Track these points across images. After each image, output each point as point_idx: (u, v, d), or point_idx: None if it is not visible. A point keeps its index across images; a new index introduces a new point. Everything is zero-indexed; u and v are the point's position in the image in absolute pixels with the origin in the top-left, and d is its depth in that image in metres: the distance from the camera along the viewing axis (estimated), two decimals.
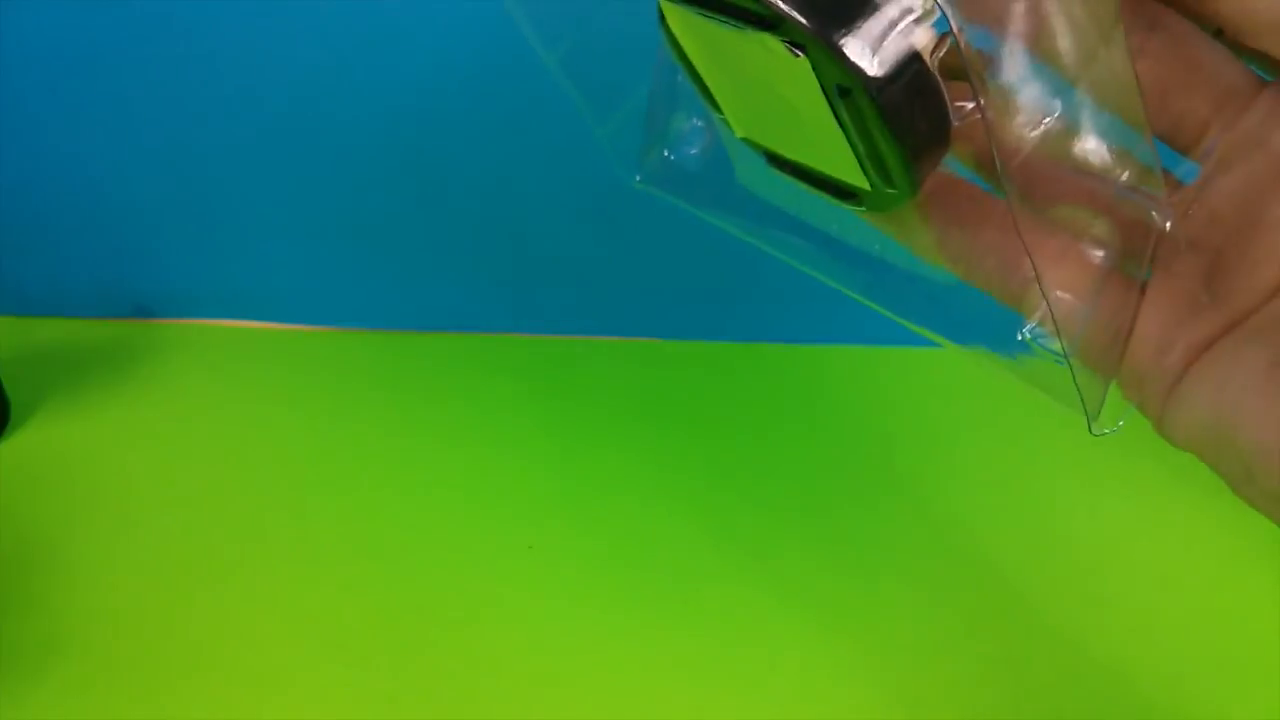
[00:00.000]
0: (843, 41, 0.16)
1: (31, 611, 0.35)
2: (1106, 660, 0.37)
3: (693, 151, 0.25)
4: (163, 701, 0.32)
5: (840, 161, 0.19)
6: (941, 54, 0.17)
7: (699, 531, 0.41)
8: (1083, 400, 0.19)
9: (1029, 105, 0.17)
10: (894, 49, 0.16)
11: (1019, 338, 0.19)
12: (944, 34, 0.17)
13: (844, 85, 0.16)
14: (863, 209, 0.20)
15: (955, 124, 0.17)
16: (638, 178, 0.26)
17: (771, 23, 0.16)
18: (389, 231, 0.51)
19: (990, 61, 0.17)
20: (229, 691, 0.33)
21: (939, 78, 0.17)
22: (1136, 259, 0.20)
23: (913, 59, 0.16)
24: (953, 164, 0.19)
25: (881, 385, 0.52)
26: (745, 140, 0.22)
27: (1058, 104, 0.17)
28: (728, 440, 0.47)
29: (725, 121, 0.22)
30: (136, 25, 0.44)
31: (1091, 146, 0.18)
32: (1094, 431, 0.19)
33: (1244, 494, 0.18)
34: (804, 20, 0.16)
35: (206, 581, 0.37)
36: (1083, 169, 0.19)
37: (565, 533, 0.41)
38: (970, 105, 0.17)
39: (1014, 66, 0.17)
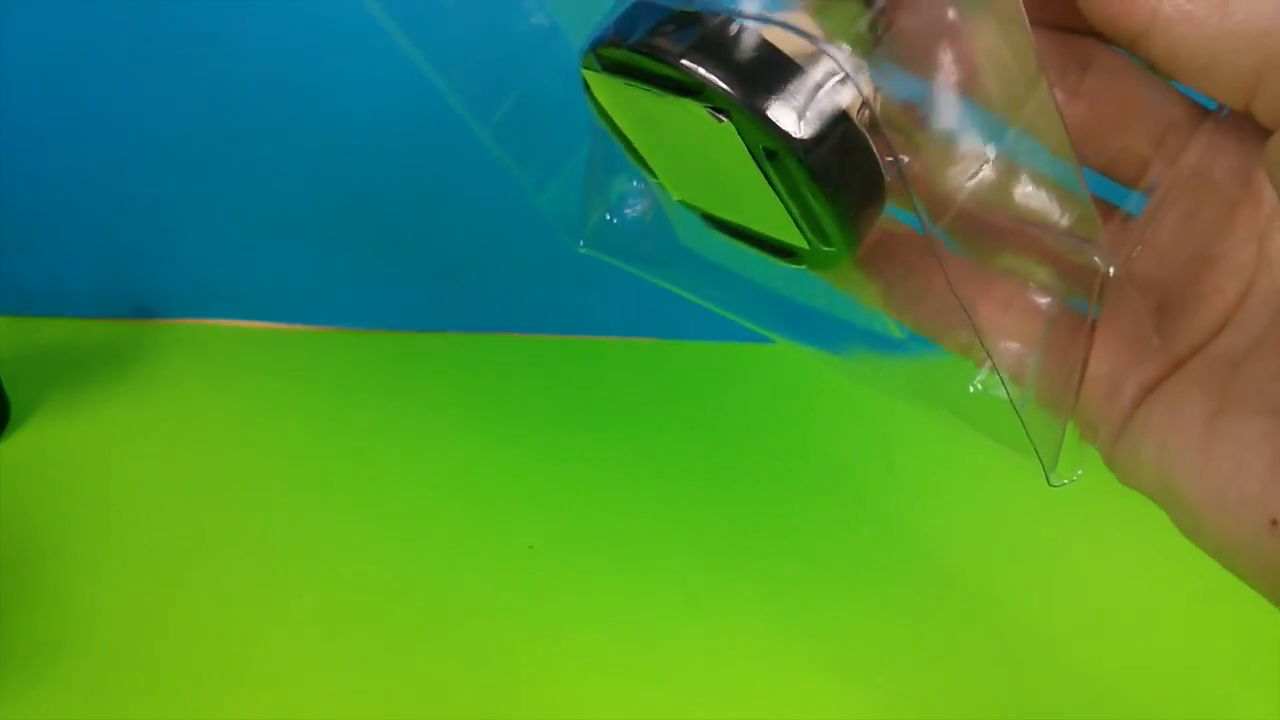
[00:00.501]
0: (766, 105, 0.15)
1: (31, 611, 0.35)
2: (1083, 662, 0.37)
3: (634, 214, 0.25)
4: (163, 701, 0.32)
5: (776, 222, 0.18)
6: (869, 111, 0.17)
7: (700, 531, 0.41)
8: (1038, 453, 0.19)
9: (962, 156, 0.17)
10: (818, 109, 0.16)
11: (971, 390, 0.19)
12: (873, 91, 0.17)
13: (770, 149, 0.16)
14: (804, 267, 0.20)
15: (889, 178, 0.17)
16: (581, 244, 0.26)
17: (694, 90, 0.16)
18: (389, 232, 0.51)
19: (920, 114, 0.17)
20: (229, 691, 0.33)
21: (867, 134, 0.17)
22: (1083, 302, 0.20)
23: (839, 119, 0.16)
24: (896, 212, 0.19)
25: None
26: (682, 203, 0.22)
27: (989, 153, 0.17)
28: (728, 440, 0.47)
29: (661, 186, 0.22)
30: (136, 26, 0.44)
31: (1026, 194, 0.18)
32: (1051, 483, 0.19)
33: (1193, 541, 0.18)
34: (725, 86, 0.16)
35: (206, 581, 0.37)
36: (1020, 217, 0.19)
37: (565, 533, 0.41)
38: (905, 159, 0.17)
39: (944, 117, 0.17)
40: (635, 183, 0.24)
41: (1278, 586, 0.17)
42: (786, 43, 0.16)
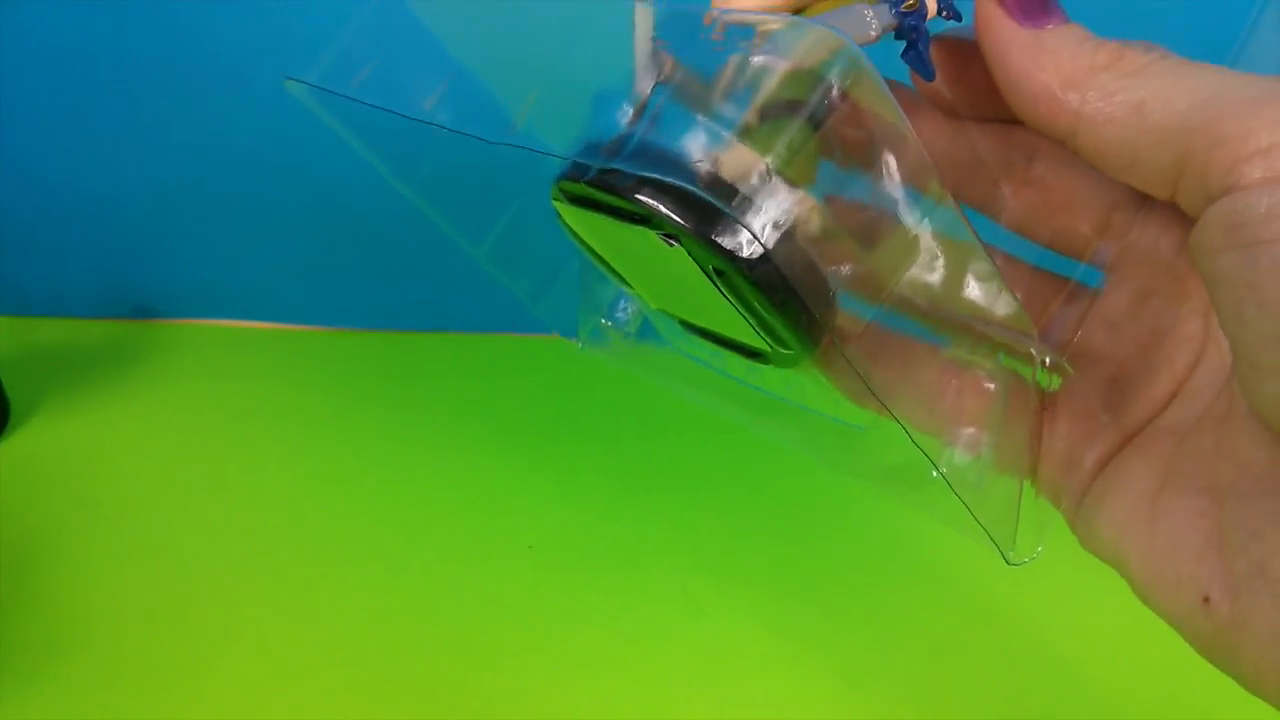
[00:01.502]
0: (710, 231, 0.16)
1: (31, 611, 0.35)
2: (1082, 664, 0.37)
3: (624, 317, 0.27)
4: (163, 700, 0.32)
5: (739, 328, 0.20)
6: (811, 224, 0.18)
7: (700, 532, 0.41)
8: (991, 535, 0.20)
9: (897, 258, 0.19)
10: (761, 229, 0.17)
11: (933, 476, 0.20)
12: (812, 204, 0.18)
13: (718, 268, 0.17)
14: (770, 366, 0.21)
15: (835, 285, 0.19)
16: (579, 343, 0.27)
17: (645, 219, 0.17)
18: (389, 233, 0.51)
19: (858, 221, 0.18)
20: (229, 690, 0.33)
21: (810, 246, 0.18)
22: (1028, 387, 0.21)
23: (782, 236, 0.17)
24: (858, 306, 0.20)
25: None
26: (659, 310, 0.23)
27: (922, 255, 0.19)
28: (729, 442, 0.47)
29: (639, 295, 0.23)
30: (136, 27, 0.44)
31: (957, 292, 0.19)
32: (1010, 562, 0.20)
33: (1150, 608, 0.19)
34: (672, 215, 0.17)
35: (206, 580, 0.37)
36: (958, 312, 0.20)
37: (565, 533, 0.41)
38: (847, 268, 0.19)
39: (878, 225, 0.18)
40: (623, 290, 0.26)
41: (1214, 656, 0.17)
42: (733, 163, 0.17)
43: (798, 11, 0.20)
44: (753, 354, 0.21)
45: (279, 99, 0.46)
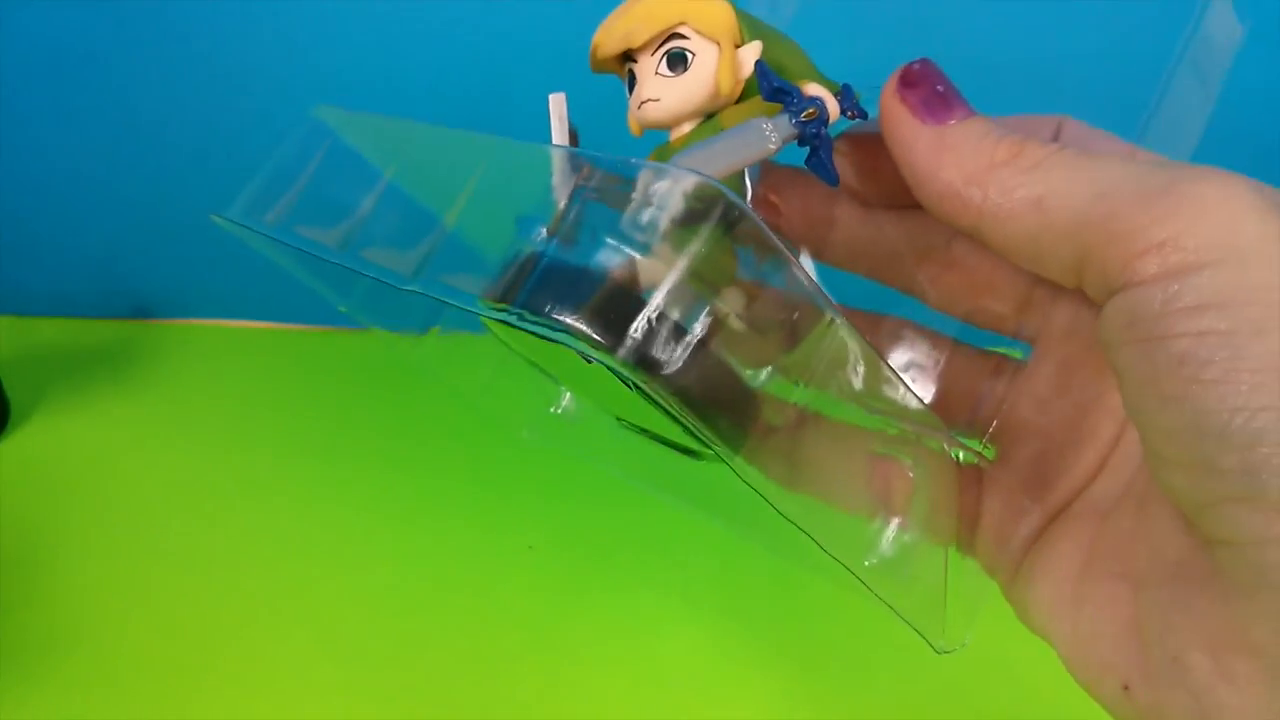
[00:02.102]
0: (622, 349, 0.17)
1: (31, 610, 0.35)
2: None
3: (571, 408, 0.28)
4: (163, 700, 0.33)
5: (669, 427, 0.20)
6: (728, 327, 0.19)
7: (701, 531, 0.41)
8: (920, 631, 0.20)
9: (810, 360, 0.19)
10: (674, 342, 0.17)
11: (865, 564, 0.20)
12: (727, 310, 0.19)
13: (634, 382, 0.17)
14: (702, 461, 0.22)
15: (762, 380, 0.19)
16: (525, 433, 0.28)
17: (561, 340, 0.18)
18: None
19: (771, 323, 0.19)
20: (229, 690, 0.33)
21: (726, 351, 0.18)
22: (952, 468, 0.22)
23: (694, 347, 0.17)
24: (784, 396, 0.21)
25: None
26: (594, 407, 0.24)
27: (835, 356, 0.19)
28: None
29: (574, 394, 0.24)
30: (136, 26, 0.44)
31: (873, 390, 0.20)
32: (938, 650, 0.20)
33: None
34: (588, 334, 0.17)
35: (206, 580, 0.37)
36: (878, 407, 0.20)
37: (565, 533, 0.41)
38: (767, 370, 0.19)
39: (787, 330, 0.19)
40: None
41: None
42: (647, 271, 0.17)
43: (709, 118, 0.21)
44: (687, 451, 0.22)
45: (279, 99, 0.46)
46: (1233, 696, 0.16)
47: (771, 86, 0.20)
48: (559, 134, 0.21)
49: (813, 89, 0.20)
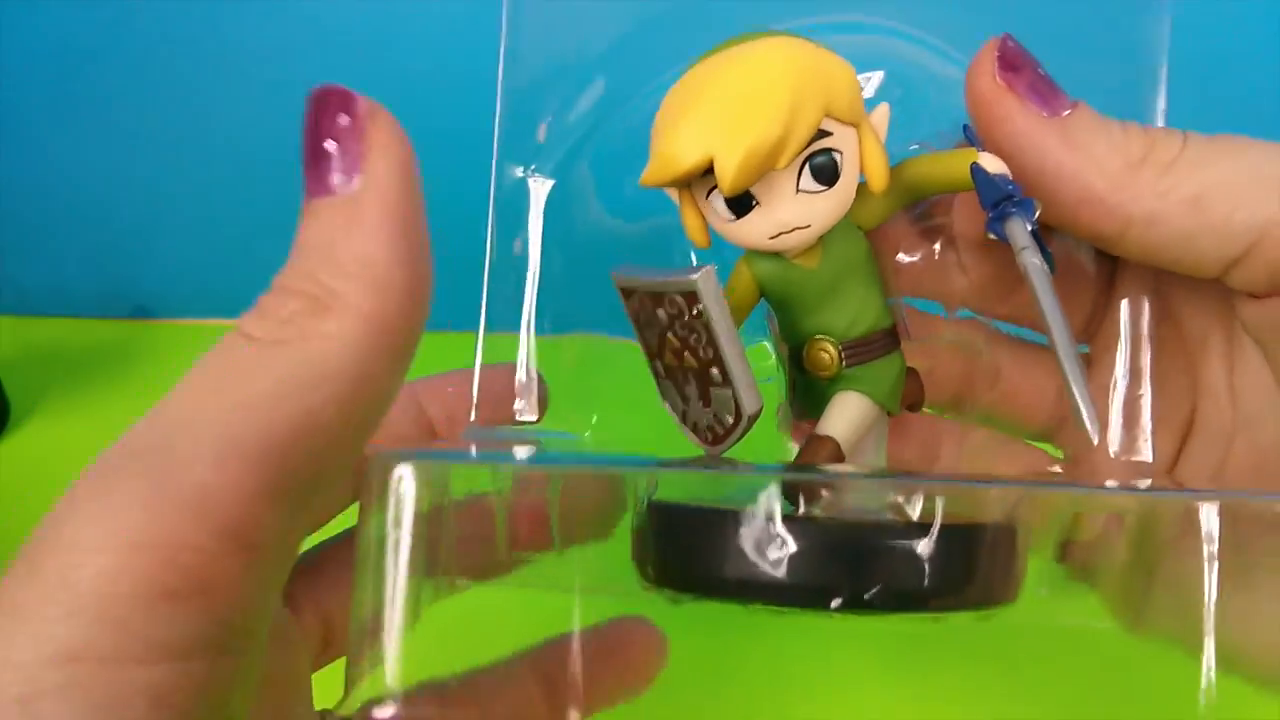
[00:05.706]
0: None
1: None
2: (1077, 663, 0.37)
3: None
4: None
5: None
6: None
7: None
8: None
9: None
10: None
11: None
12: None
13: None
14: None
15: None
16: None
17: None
18: None
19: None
20: None
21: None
22: None
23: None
24: None
25: None
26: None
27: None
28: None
29: None
30: (137, 27, 0.44)
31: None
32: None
33: None
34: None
35: None
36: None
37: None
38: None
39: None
40: None
41: None
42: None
43: (915, 201, 0.19)
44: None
45: (280, 98, 0.46)
46: None
47: (1000, 194, 0.17)
48: (724, 331, 0.18)
49: (990, 163, 0.17)
